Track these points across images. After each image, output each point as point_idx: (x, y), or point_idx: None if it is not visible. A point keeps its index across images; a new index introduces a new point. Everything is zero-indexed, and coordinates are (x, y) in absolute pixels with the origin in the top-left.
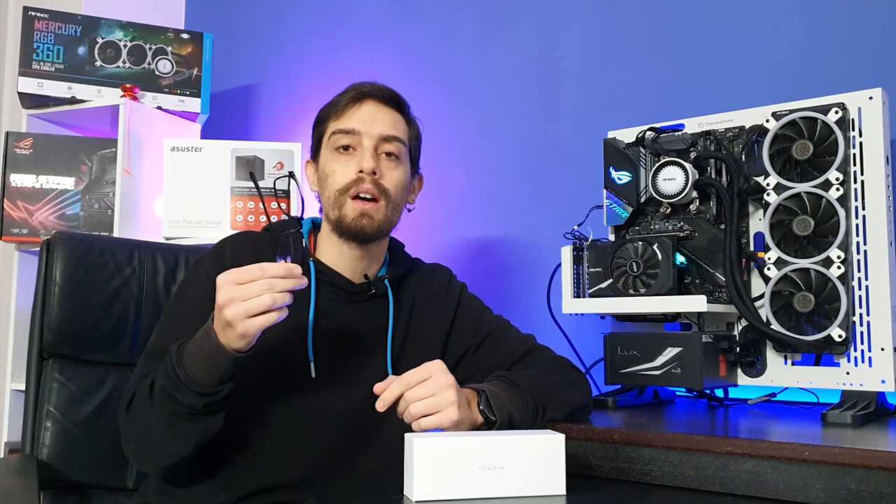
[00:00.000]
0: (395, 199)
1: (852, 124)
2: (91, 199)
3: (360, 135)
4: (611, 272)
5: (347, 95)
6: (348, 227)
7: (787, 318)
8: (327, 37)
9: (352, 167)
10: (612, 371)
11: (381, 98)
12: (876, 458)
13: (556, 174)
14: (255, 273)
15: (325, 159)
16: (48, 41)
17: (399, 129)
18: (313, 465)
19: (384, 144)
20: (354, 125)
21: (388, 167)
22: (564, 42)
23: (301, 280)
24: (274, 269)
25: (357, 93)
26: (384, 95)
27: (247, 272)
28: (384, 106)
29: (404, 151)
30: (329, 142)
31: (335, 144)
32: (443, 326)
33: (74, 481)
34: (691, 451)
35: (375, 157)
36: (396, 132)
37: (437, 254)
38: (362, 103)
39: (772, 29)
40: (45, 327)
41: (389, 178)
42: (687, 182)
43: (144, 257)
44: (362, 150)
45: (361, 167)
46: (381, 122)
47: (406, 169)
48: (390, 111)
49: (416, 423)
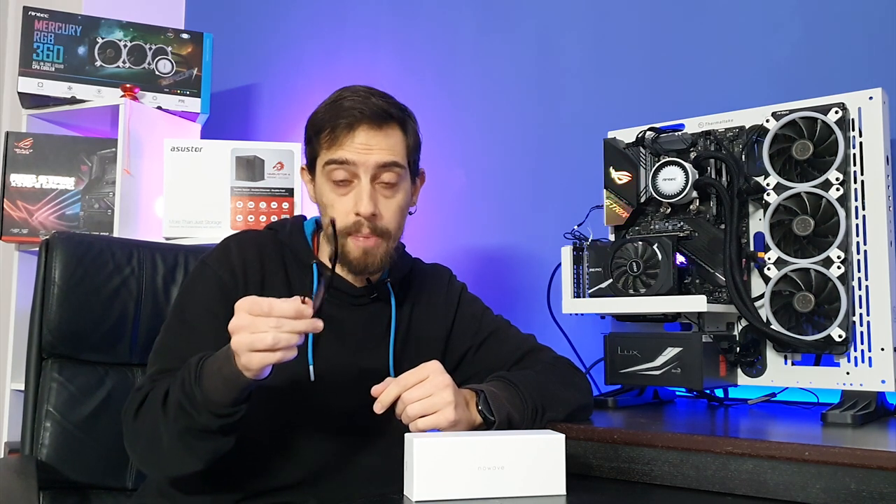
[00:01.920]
0: (397, 232)
1: (852, 124)
2: (91, 199)
3: (356, 165)
4: (611, 272)
5: (341, 122)
6: (350, 264)
7: (787, 318)
8: (327, 37)
9: (349, 205)
10: (612, 371)
11: (374, 120)
12: (876, 458)
13: (556, 174)
14: (263, 308)
15: (321, 187)
16: (48, 41)
17: (397, 152)
18: (314, 467)
19: (382, 173)
20: (349, 156)
21: (387, 196)
22: (565, 42)
23: (313, 324)
24: (284, 309)
25: (350, 119)
26: (378, 116)
27: (257, 305)
28: (379, 130)
29: (403, 173)
30: (324, 170)
31: (330, 177)
32: (443, 327)
33: (74, 481)
34: (691, 451)
35: (374, 194)
36: (394, 156)
37: (437, 254)
38: (356, 130)
39: (772, 29)
40: (45, 327)
41: (388, 210)
42: (687, 182)
43: (144, 257)
44: (359, 188)
45: (359, 210)
46: (377, 151)
47: (406, 187)
48: (385, 133)
49: (413, 424)
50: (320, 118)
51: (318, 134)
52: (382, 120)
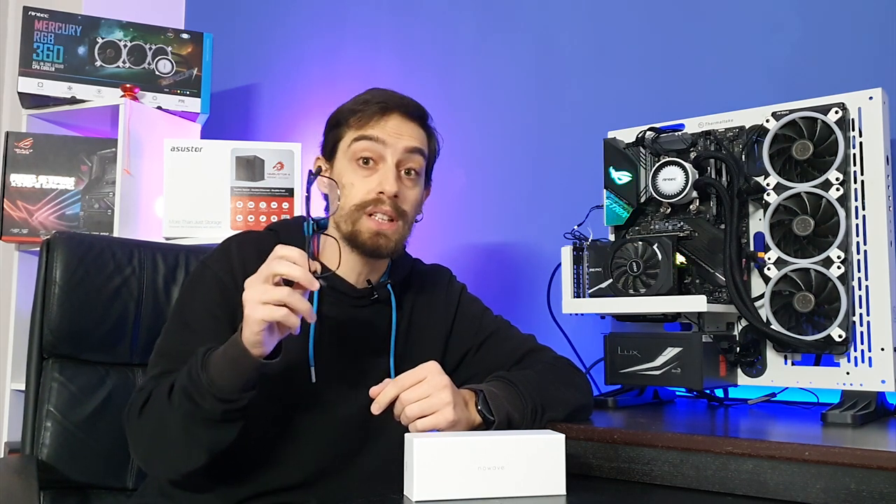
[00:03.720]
0: (411, 218)
1: (852, 124)
2: (91, 199)
3: (385, 145)
4: (611, 272)
5: (373, 106)
6: (364, 244)
7: (787, 318)
8: (327, 37)
9: (372, 184)
10: (612, 371)
11: (407, 111)
12: (876, 458)
13: (556, 174)
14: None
15: (342, 168)
16: (48, 41)
17: (423, 143)
18: (314, 468)
19: (408, 160)
20: (380, 134)
21: (408, 186)
22: (565, 42)
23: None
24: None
25: (384, 104)
26: (411, 109)
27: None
28: (410, 120)
29: (423, 167)
30: (349, 149)
31: (356, 154)
32: (443, 328)
33: (74, 481)
34: (691, 451)
35: (398, 179)
36: (422, 146)
37: (436, 254)
38: (389, 115)
39: (772, 29)
40: (45, 327)
41: (407, 198)
42: (687, 182)
43: (144, 257)
44: (385, 168)
45: (384, 189)
46: (406, 137)
47: (422, 186)
48: (415, 125)
49: (412, 425)
50: (349, 106)
51: (346, 118)
52: (415, 113)
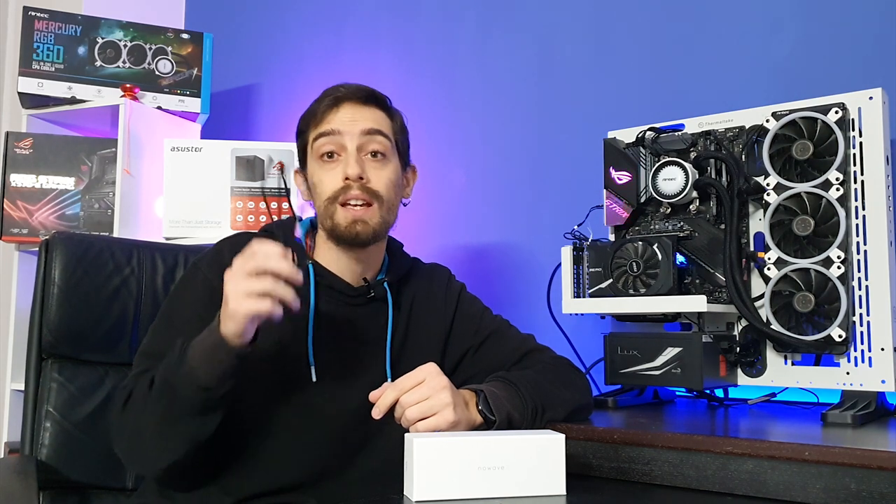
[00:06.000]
0: (388, 199)
1: (852, 124)
2: (91, 199)
3: (341, 135)
4: (611, 272)
5: (324, 102)
6: (342, 234)
7: (787, 318)
8: (327, 37)
9: (338, 174)
10: (612, 371)
11: (358, 98)
12: (876, 458)
13: (555, 174)
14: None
15: (311, 169)
16: (48, 41)
17: (381, 124)
18: (313, 468)
19: (369, 143)
20: (335, 126)
21: (376, 168)
22: (565, 42)
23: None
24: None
25: (333, 97)
26: (361, 95)
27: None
28: (363, 106)
29: (390, 147)
30: (312, 149)
31: (319, 151)
32: (442, 328)
33: (74, 481)
34: (691, 451)
35: (361, 161)
36: (379, 126)
37: (436, 254)
38: (340, 106)
39: (772, 29)
40: (45, 327)
41: (378, 179)
42: (687, 182)
43: (144, 257)
44: (346, 156)
45: (347, 173)
46: (361, 121)
47: (395, 165)
48: (369, 109)
49: (413, 428)
50: (308, 110)
51: (307, 122)
52: (366, 98)
